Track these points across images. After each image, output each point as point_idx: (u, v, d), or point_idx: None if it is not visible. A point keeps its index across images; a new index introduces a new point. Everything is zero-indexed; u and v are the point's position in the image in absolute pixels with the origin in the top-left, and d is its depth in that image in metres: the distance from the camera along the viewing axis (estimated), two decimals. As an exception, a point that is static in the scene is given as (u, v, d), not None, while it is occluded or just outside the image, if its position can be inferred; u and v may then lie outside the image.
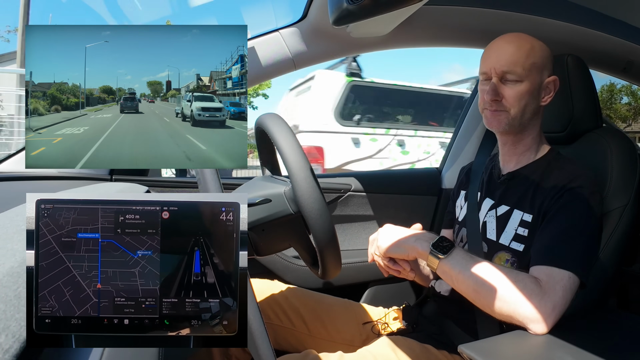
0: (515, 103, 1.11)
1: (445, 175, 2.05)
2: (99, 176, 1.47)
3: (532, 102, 1.12)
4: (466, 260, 0.99)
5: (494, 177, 1.27)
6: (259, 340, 0.65)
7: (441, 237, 1.03)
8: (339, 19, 0.90)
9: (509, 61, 1.09)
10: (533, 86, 1.11)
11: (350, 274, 1.76)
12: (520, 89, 1.10)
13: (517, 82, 1.10)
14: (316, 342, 1.30)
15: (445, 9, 1.51)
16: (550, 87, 1.14)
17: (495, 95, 1.11)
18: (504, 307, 0.93)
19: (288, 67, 1.54)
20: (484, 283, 0.95)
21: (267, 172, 1.24)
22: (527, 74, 1.09)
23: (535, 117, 1.16)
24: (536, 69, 1.11)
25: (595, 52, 1.66)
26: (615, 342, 0.97)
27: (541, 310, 0.91)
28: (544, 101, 1.15)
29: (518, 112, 1.12)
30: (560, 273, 0.96)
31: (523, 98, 1.11)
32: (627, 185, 1.21)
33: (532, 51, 1.10)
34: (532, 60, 1.10)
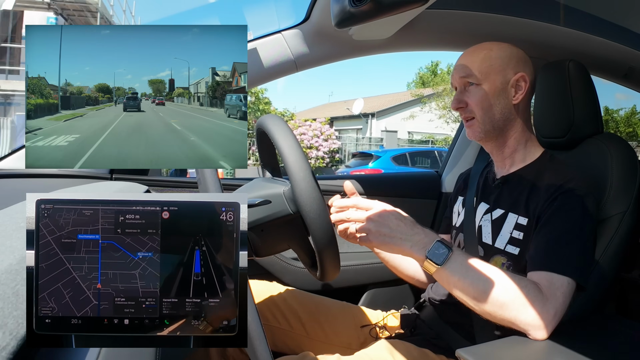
0: (479, 106, 1.15)
1: (445, 179, 2.05)
2: (99, 175, 1.47)
3: (498, 102, 1.14)
4: (465, 267, 0.95)
5: (488, 181, 1.27)
6: (256, 342, 0.65)
7: (437, 242, 0.97)
8: (342, 21, 0.90)
9: (465, 68, 1.15)
10: (494, 86, 1.14)
11: (349, 277, 1.76)
12: (480, 92, 1.14)
13: (477, 86, 1.15)
14: (314, 345, 1.30)
15: (447, 13, 1.51)
16: (521, 84, 1.15)
17: (458, 103, 1.18)
18: (506, 313, 0.92)
19: (290, 68, 1.54)
20: (485, 290, 0.93)
21: (268, 174, 1.24)
22: (484, 76, 1.14)
23: (511, 117, 1.17)
24: (494, 70, 1.14)
25: (596, 58, 1.66)
26: (614, 348, 0.97)
27: (543, 316, 0.91)
28: (515, 99, 1.15)
29: (484, 115, 1.15)
30: (560, 279, 0.96)
31: (485, 100, 1.14)
32: (627, 192, 1.21)
33: (488, 54, 1.15)
34: (488, 63, 1.14)
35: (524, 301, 0.91)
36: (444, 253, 0.95)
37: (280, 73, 1.55)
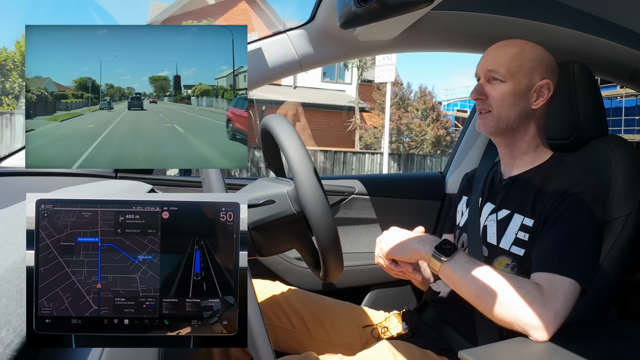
0: (498, 102, 1.14)
1: (448, 180, 2.05)
2: (103, 173, 1.47)
3: (518, 104, 1.13)
4: (469, 265, 0.99)
5: (495, 181, 1.27)
6: (259, 341, 0.65)
7: (444, 240, 1.04)
8: (347, 22, 0.90)
9: (494, 62, 1.14)
10: (518, 87, 1.13)
11: (352, 277, 1.75)
12: (503, 89, 1.13)
13: (501, 82, 1.13)
14: (316, 345, 1.30)
15: (452, 14, 1.51)
16: (544, 91, 1.14)
17: (478, 94, 1.16)
18: (505, 313, 0.93)
19: (295, 68, 1.54)
20: (486, 288, 0.94)
21: (272, 175, 1.24)
22: (511, 75, 1.12)
23: (527, 120, 1.16)
24: (522, 71, 1.13)
25: (601, 60, 1.65)
26: (616, 351, 0.96)
27: (543, 317, 0.91)
28: (535, 104, 1.15)
29: (502, 112, 1.14)
30: (561, 280, 0.96)
31: (506, 98, 1.13)
32: (632, 194, 1.20)
33: (519, 54, 1.13)
34: (518, 63, 1.12)
35: (523, 301, 0.92)
36: (450, 249, 1.01)
37: (285, 73, 1.55)
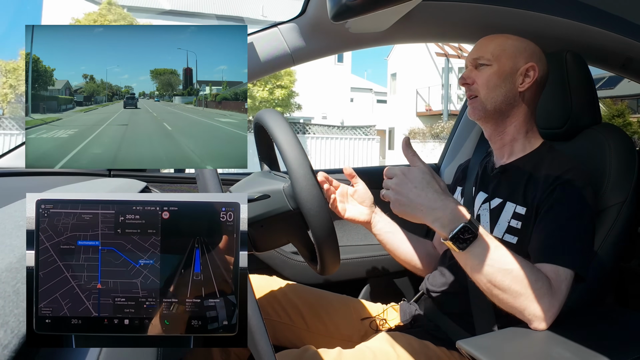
0: (484, 85, 1.16)
1: (444, 170, 2.05)
2: (96, 171, 1.47)
3: (504, 85, 1.15)
4: (486, 254, 0.93)
5: (487, 171, 1.27)
6: (257, 337, 0.65)
7: (464, 226, 0.92)
8: (338, 14, 0.89)
9: (480, 50, 1.18)
10: (502, 69, 1.15)
11: (349, 270, 1.76)
12: (489, 71, 1.16)
13: (486, 67, 1.17)
14: (315, 338, 1.30)
15: (444, 4, 1.50)
16: (530, 73, 1.16)
17: (464, 79, 1.20)
18: (517, 302, 0.92)
19: (286, 62, 1.54)
20: (502, 278, 0.92)
21: (266, 168, 1.23)
22: (495, 57, 1.16)
23: (515, 103, 1.17)
24: (506, 55, 1.16)
25: (594, 48, 1.66)
26: (614, 338, 0.97)
27: (550, 309, 0.92)
28: (521, 87, 1.16)
29: (488, 94, 1.16)
30: (565, 272, 0.97)
31: (491, 79, 1.15)
32: (626, 182, 1.21)
33: (504, 41, 1.18)
34: (502, 47, 1.17)
35: (536, 294, 0.92)
36: (468, 239, 0.92)
37: (276, 67, 1.55)
